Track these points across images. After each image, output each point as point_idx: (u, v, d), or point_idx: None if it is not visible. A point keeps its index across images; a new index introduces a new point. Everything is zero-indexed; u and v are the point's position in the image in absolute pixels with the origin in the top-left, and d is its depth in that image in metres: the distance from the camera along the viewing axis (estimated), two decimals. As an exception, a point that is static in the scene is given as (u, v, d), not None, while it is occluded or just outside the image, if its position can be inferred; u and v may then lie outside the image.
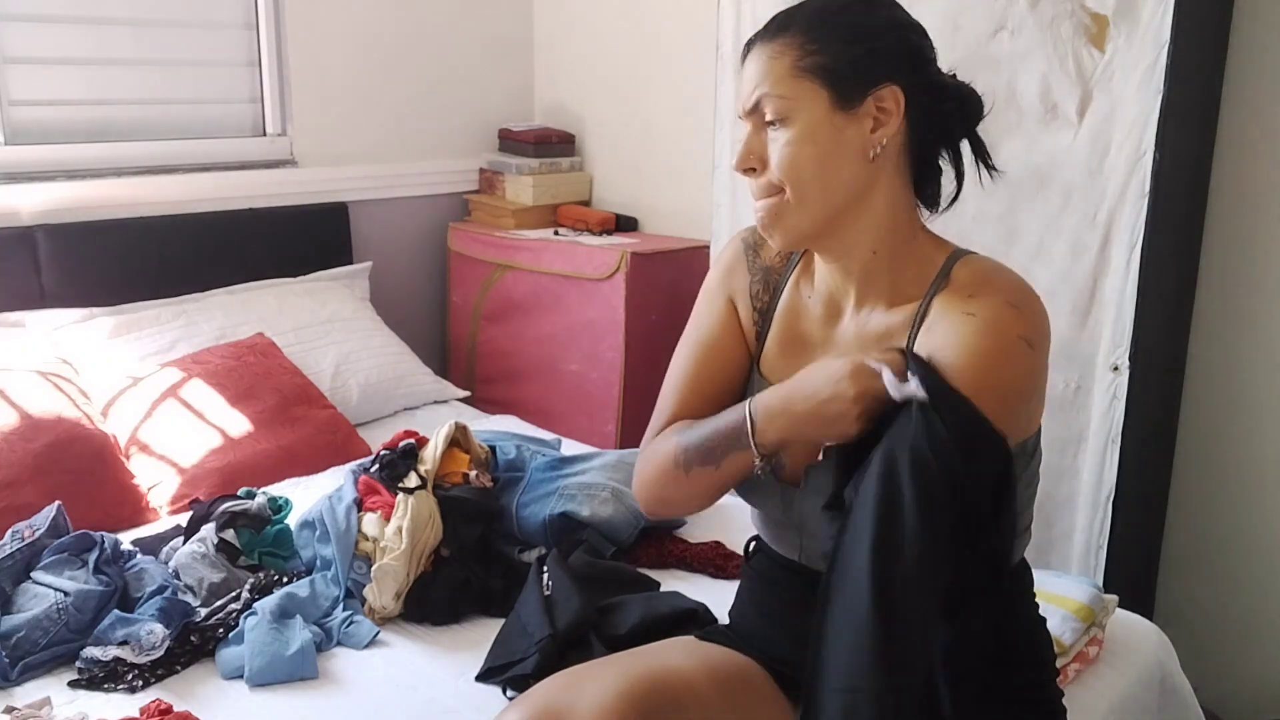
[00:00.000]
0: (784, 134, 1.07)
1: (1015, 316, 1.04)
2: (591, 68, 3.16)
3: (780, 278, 1.22)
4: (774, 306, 1.22)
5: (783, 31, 1.07)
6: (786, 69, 1.06)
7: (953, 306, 1.07)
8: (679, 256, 2.81)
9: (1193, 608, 2.27)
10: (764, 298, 1.22)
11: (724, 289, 1.25)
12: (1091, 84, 1.93)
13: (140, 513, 2.03)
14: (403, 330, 2.87)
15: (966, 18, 2.03)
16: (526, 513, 1.88)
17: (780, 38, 1.07)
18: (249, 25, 2.77)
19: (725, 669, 1.22)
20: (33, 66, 2.45)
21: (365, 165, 2.98)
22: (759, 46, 1.09)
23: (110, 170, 2.54)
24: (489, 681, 1.51)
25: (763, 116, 1.08)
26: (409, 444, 1.87)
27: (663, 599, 1.62)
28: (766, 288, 1.22)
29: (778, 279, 1.22)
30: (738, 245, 1.27)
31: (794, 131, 1.06)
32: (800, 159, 1.06)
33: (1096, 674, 1.54)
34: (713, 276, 1.27)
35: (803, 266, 1.22)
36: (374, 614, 1.69)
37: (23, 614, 1.56)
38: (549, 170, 3.11)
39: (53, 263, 2.40)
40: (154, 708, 1.42)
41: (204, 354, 2.33)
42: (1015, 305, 1.05)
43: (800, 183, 1.07)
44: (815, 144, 1.06)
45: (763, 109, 1.07)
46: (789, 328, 1.21)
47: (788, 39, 1.07)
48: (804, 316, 1.20)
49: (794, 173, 1.07)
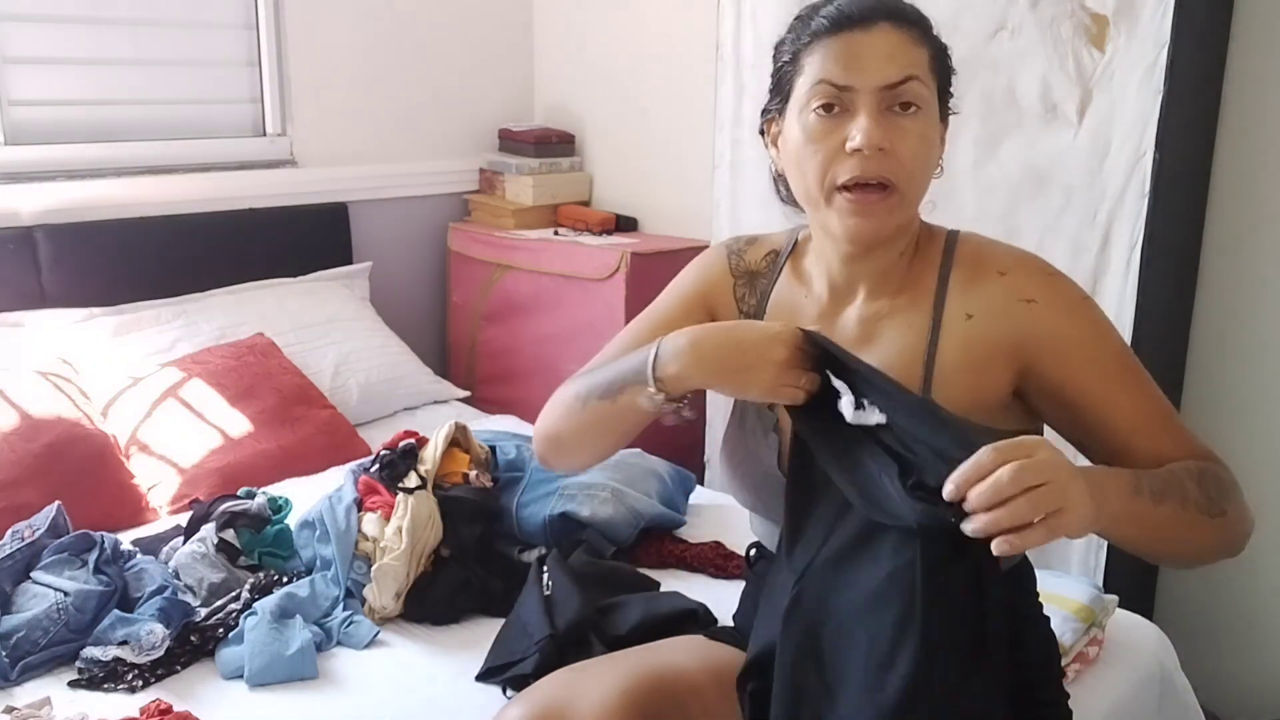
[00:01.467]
0: (917, 123, 1.05)
1: (1063, 280, 1.10)
2: (591, 68, 3.16)
3: (767, 281, 1.21)
4: (762, 309, 1.21)
5: (912, 22, 1.07)
6: (928, 60, 1.07)
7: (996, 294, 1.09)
8: (679, 256, 2.81)
9: (1193, 608, 2.27)
10: (750, 300, 1.21)
11: (698, 287, 1.23)
12: (1091, 84, 1.93)
13: (140, 513, 2.03)
14: (403, 330, 2.86)
15: (966, 18, 2.03)
16: (526, 513, 1.88)
17: (913, 27, 1.07)
18: (249, 25, 2.77)
19: (729, 668, 1.21)
20: (33, 66, 2.45)
21: (365, 165, 2.98)
22: (891, 24, 1.05)
23: (110, 170, 2.54)
24: (489, 681, 1.51)
25: (895, 99, 1.04)
26: (409, 444, 1.87)
27: (663, 599, 1.62)
28: (753, 290, 1.21)
29: (764, 283, 1.21)
30: (717, 250, 1.26)
31: (924, 124, 1.06)
32: (922, 155, 1.07)
33: (1096, 674, 1.54)
34: (687, 274, 1.26)
35: (791, 267, 1.21)
36: (374, 614, 1.69)
37: (23, 614, 1.56)
38: (549, 170, 3.10)
39: (53, 263, 2.40)
40: (154, 708, 1.42)
41: (204, 354, 2.33)
42: (1050, 272, 1.11)
43: (920, 178, 1.08)
44: (931, 143, 1.08)
45: (904, 90, 1.04)
46: None
47: (917, 31, 1.07)
48: (798, 315, 1.18)
49: (917, 167, 1.07)
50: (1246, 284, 2.12)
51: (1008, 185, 2.04)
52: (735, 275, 1.22)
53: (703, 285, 1.23)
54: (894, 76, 1.04)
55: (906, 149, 1.04)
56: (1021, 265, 1.11)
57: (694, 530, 1.98)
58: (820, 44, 1.06)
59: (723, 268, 1.23)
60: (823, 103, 1.06)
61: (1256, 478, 2.15)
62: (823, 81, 1.05)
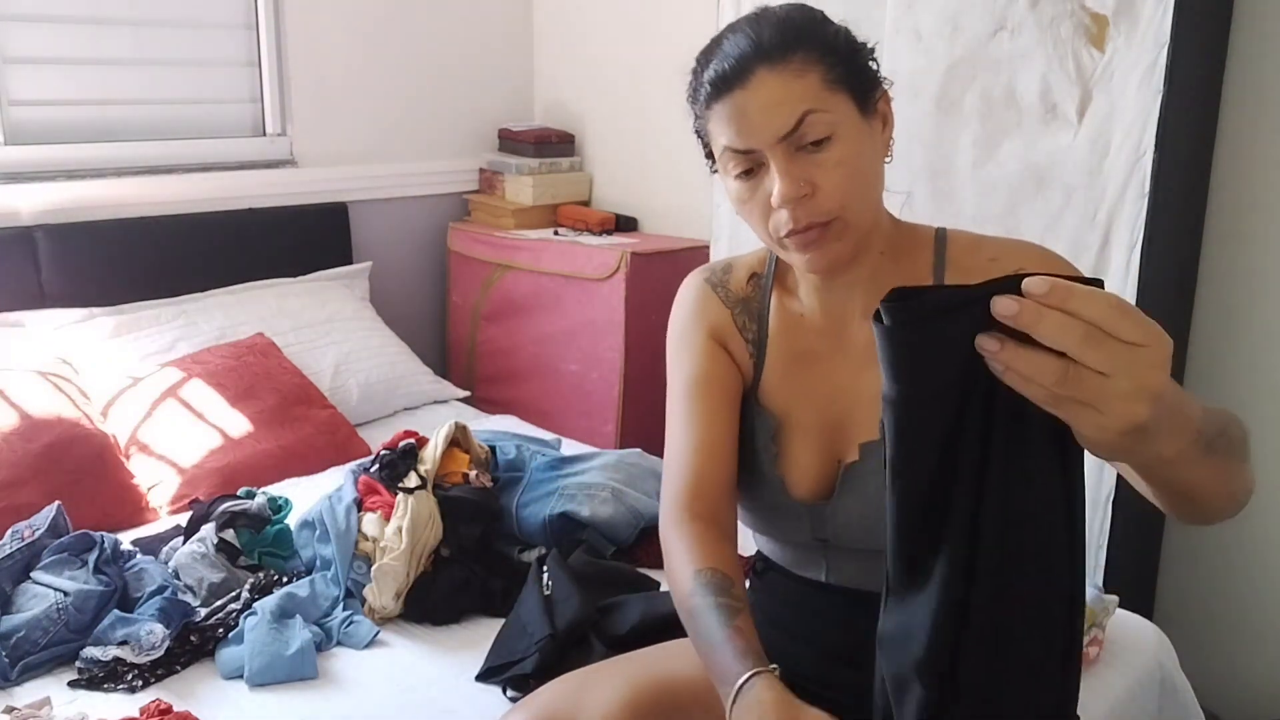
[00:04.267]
0: (833, 152, 1.01)
1: (1055, 256, 1.07)
2: (591, 68, 3.16)
3: (760, 304, 1.18)
4: (764, 335, 1.16)
5: (792, 49, 1.00)
6: (819, 84, 1.00)
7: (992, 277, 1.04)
8: (679, 256, 2.81)
9: (1193, 608, 2.27)
10: (752, 328, 1.17)
11: (700, 328, 1.18)
12: (1091, 84, 1.93)
13: (140, 513, 2.03)
14: (403, 330, 2.87)
15: (966, 18, 2.03)
16: (526, 513, 1.88)
17: (793, 56, 1.00)
18: (249, 25, 2.77)
19: None
20: (33, 66, 2.45)
21: (365, 165, 2.98)
22: (767, 69, 1.00)
23: (110, 170, 2.54)
24: (489, 681, 1.51)
25: (800, 140, 1.00)
26: (409, 444, 1.87)
27: (663, 599, 1.62)
28: (751, 318, 1.17)
29: (759, 306, 1.17)
30: (700, 286, 1.20)
31: (843, 148, 1.01)
32: (856, 175, 1.02)
33: (1096, 674, 1.54)
34: (681, 321, 1.19)
35: (779, 286, 1.18)
36: (374, 614, 1.69)
37: (23, 614, 1.56)
38: (549, 170, 3.10)
39: (53, 263, 2.40)
40: (154, 708, 1.42)
41: (204, 354, 2.33)
42: (1042, 250, 1.09)
43: (857, 199, 1.03)
44: (862, 156, 1.03)
45: (804, 130, 1.00)
46: (787, 349, 1.16)
47: (803, 55, 1.00)
48: (802, 331, 1.15)
49: (852, 191, 1.02)
50: (1246, 283, 2.12)
51: (1007, 185, 2.04)
52: (729, 306, 1.18)
53: (707, 325, 1.18)
54: (788, 124, 1.00)
55: (830, 181, 1.01)
56: (1013, 248, 1.10)
57: (694, 530, 1.97)
58: (713, 111, 1.04)
59: (715, 301, 1.18)
60: (738, 169, 1.04)
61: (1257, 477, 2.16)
62: (727, 149, 1.04)
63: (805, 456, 1.13)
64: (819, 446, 1.13)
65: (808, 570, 1.18)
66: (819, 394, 1.13)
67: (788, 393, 1.14)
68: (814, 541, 1.14)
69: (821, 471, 1.11)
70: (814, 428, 1.13)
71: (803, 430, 1.13)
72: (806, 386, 1.12)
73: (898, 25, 2.14)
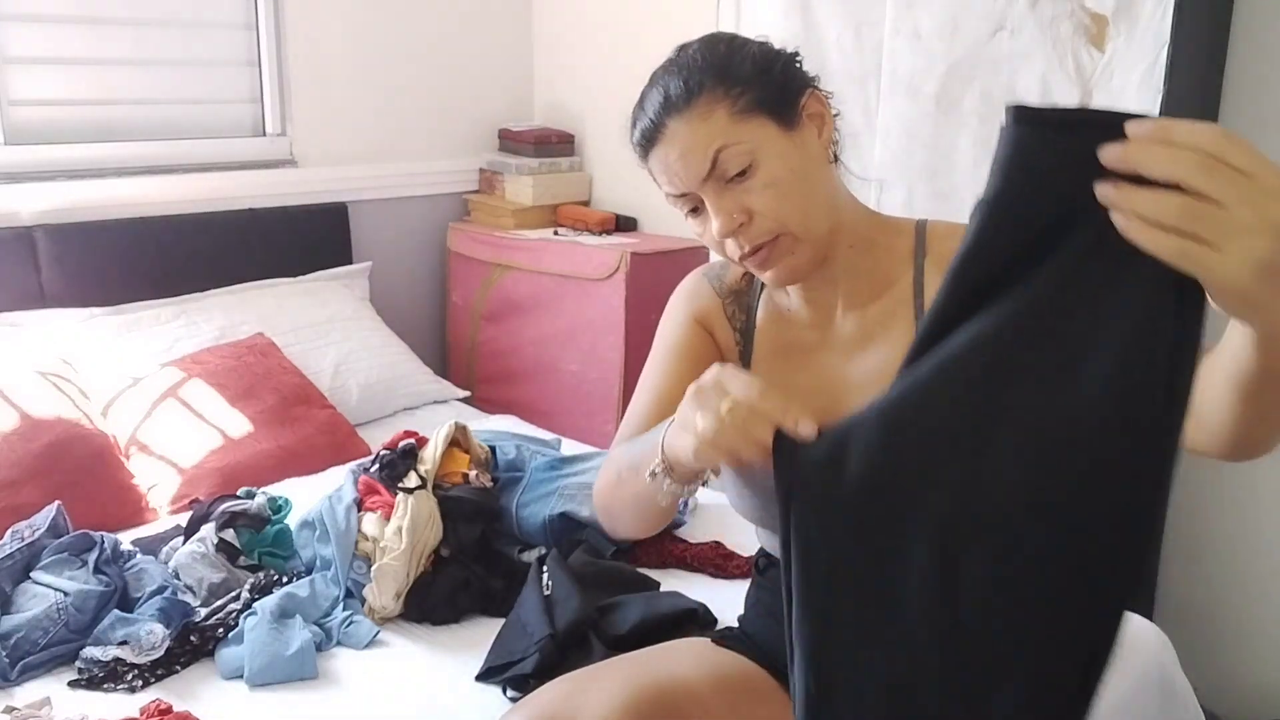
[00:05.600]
0: (758, 178, 1.04)
1: None
2: (591, 68, 3.16)
3: (750, 296, 1.21)
4: (752, 325, 1.20)
5: (695, 94, 1.04)
6: (726, 119, 1.03)
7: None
8: (679, 256, 2.81)
9: (1193, 608, 2.27)
10: (740, 318, 1.21)
11: (689, 313, 1.22)
12: (1091, 84, 1.93)
13: (140, 513, 2.03)
14: (403, 330, 2.86)
15: (966, 18, 2.03)
16: (526, 513, 1.88)
17: (697, 100, 1.04)
18: (249, 25, 2.77)
19: (733, 677, 1.20)
20: (33, 66, 2.45)
21: (365, 165, 2.98)
22: (676, 120, 1.04)
23: (110, 170, 2.54)
24: (489, 681, 1.51)
25: (724, 175, 1.04)
26: (409, 444, 1.87)
27: (663, 599, 1.62)
28: (741, 308, 1.21)
29: (748, 298, 1.21)
30: (696, 278, 1.25)
31: (767, 170, 1.04)
32: (789, 192, 1.05)
33: (1096, 674, 1.54)
34: (674, 304, 1.25)
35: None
36: (374, 614, 1.69)
37: (23, 614, 1.56)
38: (549, 170, 3.10)
39: (53, 263, 2.40)
40: (154, 708, 1.42)
41: (204, 354, 2.33)
42: None
43: (797, 211, 1.05)
44: (792, 171, 1.05)
45: (723, 166, 1.03)
46: (775, 339, 1.19)
47: (706, 96, 1.04)
48: (790, 324, 1.18)
49: (789, 207, 1.05)
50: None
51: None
52: (722, 296, 1.22)
53: (696, 312, 1.22)
54: (703, 167, 1.03)
55: (762, 204, 1.04)
56: None
57: (694, 530, 1.98)
58: (648, 165, 1.10)
59: (709, 291, 1.23)
60: (685, 209, 1.09)
61: (1256, 479, 2.16)
62: (668, 196, 1.10)
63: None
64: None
65: None
66: (806, 384, 1.15)
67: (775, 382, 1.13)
68: None
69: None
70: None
71: None
72: (793, 377, 1.15)
73: (898, 25, 2.14)
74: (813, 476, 0.77)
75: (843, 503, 0.76)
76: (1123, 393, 0.66)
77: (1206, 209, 0.60)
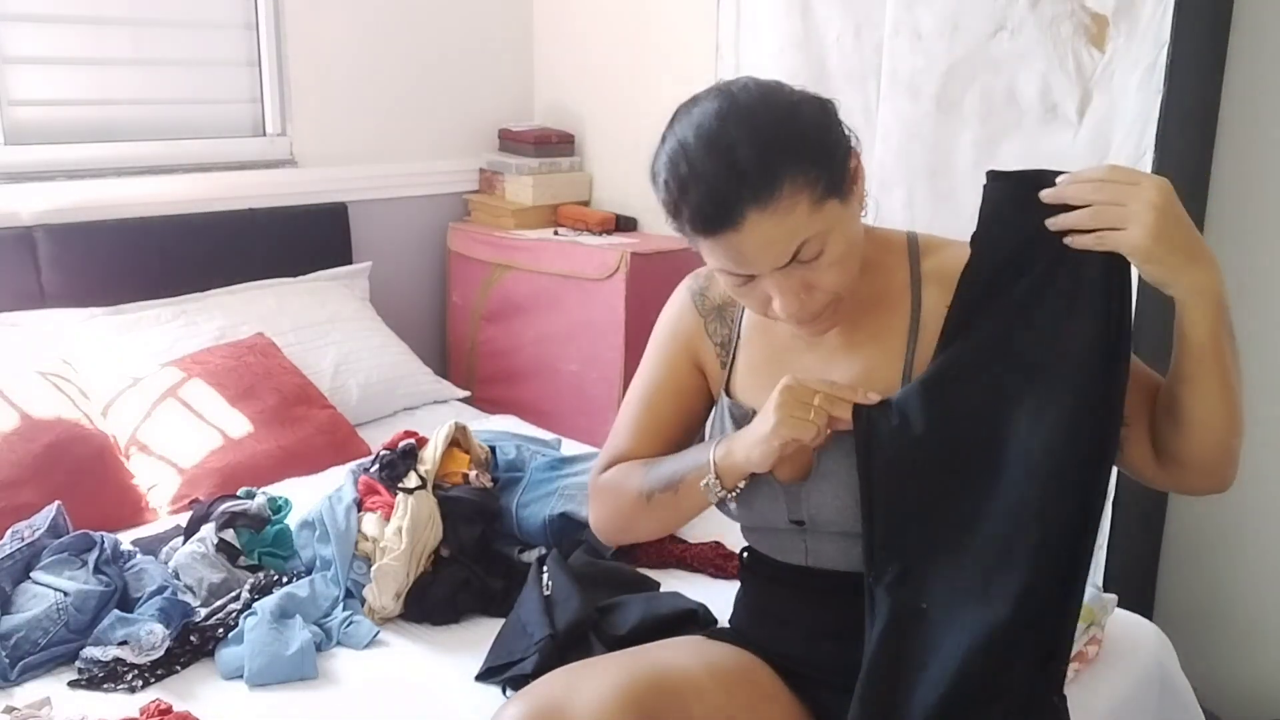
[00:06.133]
0: (825, 259, 1.05)
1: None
2: (591, 68, 3.16)
3: (733, 309, 1.26)
4: (735, 336, 1.26)
5: (777, 187, 1.00)
6: (808, 212, 1.02)
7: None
8: (679, 256, 2.81)
9: (1193, 608, 2.27)
10: (723, 332, 1.26)
11: (674, 338, 1.29)
12: (1091, 84, 1.93)
13: (140, 513, 2.03)
14: (403, 330, 2.86)
15: (966, 18, 2.03)
16: (526, 513, 1.88)
17: (780, 194, 1.00)
18: (249, 25, 2.77)
19: (727, 665, 1.22)
20: (33, 66, 2.45)
21: (365, 165, 2.98)
22: (758, 211, 1.00)
23: (110, 170, 2.54)
24: (489, 681, 1.51)
25: (797, 261, 1.04)
26: (409, 444, 1.87)
27: (663, 599, 1.62)
28: (724, 322, 1.26)
29: (734, 311, 1.26)
30: (683, 294, 1.30)
31: (834, 251, 1.06)
32: (848, 265, 1.09)
33: (1096, 674, 1.54)
34: (661, 327, 1.31)
35: None
36: (374, 614, 1.69)
37: (23, 614, 1.56)
38: (549, 170, 3.10)
39: (53, 263, 2.40)
40: (154, 708, 1.42)
41: (204, 354, 2.33)
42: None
43: (852, 279, 1.11)
44: (851, 244, 1.08)
45: (801, 256, 1.04)
46: (760, 348, 1.24)
47: (789, 186, 1.00)
48: (775, 334, 1.23)
49: (847, 278, 1.09)
50: (1246, 284, 2.12)
51: (1008, 185, 2.04)
52: (703, 315, 1.27)
53: (679, 337, 1.28)
54: (784, 259, 1.04)
55: (825, 282, 1.07)
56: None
57: (694, 530, 1.97)
58: (701, 243, 1.06)
59: (691, 311, 1.28)
60: (732, 281, 1.09)
61: (1257, 477, 2.16)
62: (723, 271, 1.08)
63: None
64: None
65: (790, 556, 1.23)
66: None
67: (761, 385, 1.20)
68: (791, 525, 1.19)
69: (795, 456, 1.15)
70: None
71: None
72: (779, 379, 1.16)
73: (898, 25, 2.14)
74: (886, 433, 1.09)
75: (913, 444, 1.08)
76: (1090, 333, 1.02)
77: (1110, 209, 0.98)
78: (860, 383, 1.13)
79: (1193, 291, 0.98)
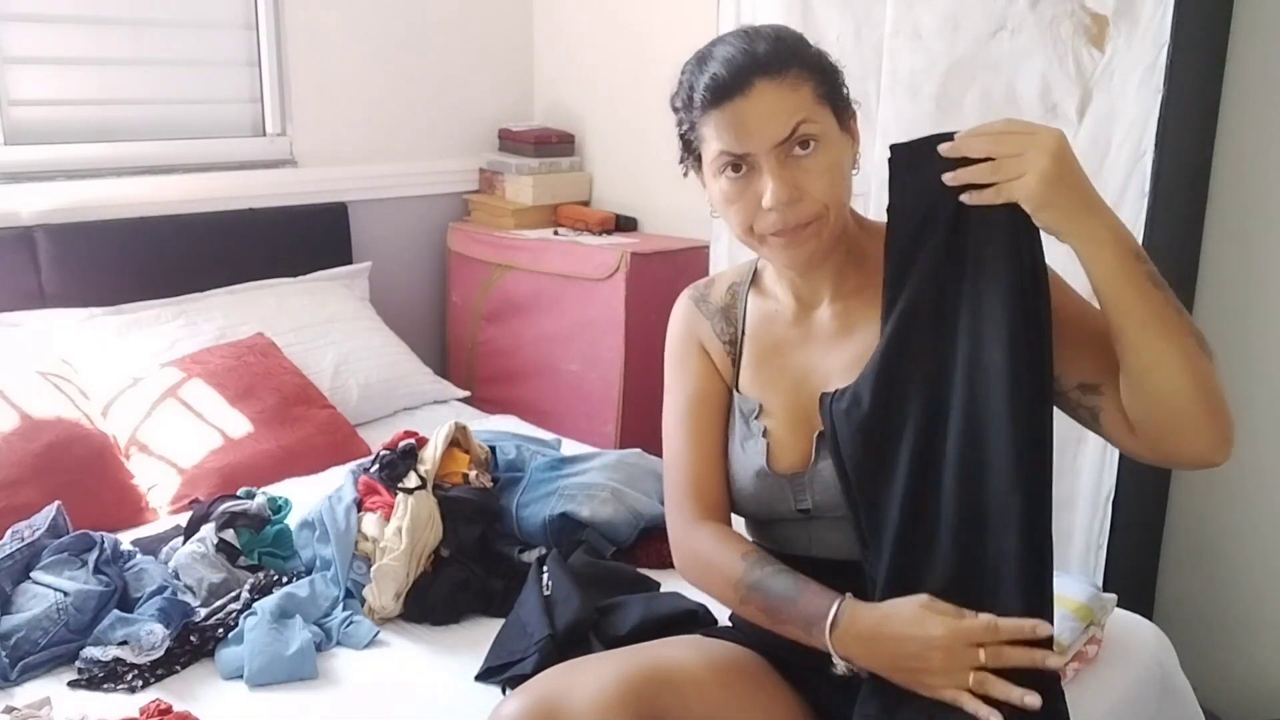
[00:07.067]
0: (820, 158, 1.12)
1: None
2: (591, 68, 3.16)
3: (736, 309, 1.31)
4: (741, 334, 1.30)
5: (787, 66, 1.11)
6: (811, 97, 1.12)
7: None
8: (679, 256, 2.81)
9: (1193, 608, 2.27)
10: (729, 330, 1.31)
11: (688, 342, 1.32)
12: (1091, 84, 1.93)
13: (140, 513, 2.03)
14: (403, 330, 2.86)
15: (966, 18, 2.03)
16: (526, 513, 1.88)
17: (789, 71, 1.11)
18: (249, 25, 2.77)
19: (725, 660, 1.23)
20: (33, 66, 2.45)
21: (365, 165, 2.98)
22: (767, 80, 1.10)
23: (110, 170, 2.54)
24: (488, 681, 1.51)
25: (792, 146, 1.11)
26: (409, 444, 1.87)
27: (663, 599, 1.62)
28: (729, 323, 1.31)
29: (736, 312, 1.31)
30: (686, 305, 1.35)
31: (827, 155, 1.13)
32: (837, 180, 1.14)
33: (1096, 674, 1.54)
34: (674, 339, 1.35)
35: (756, 290, 1.32)
36: (374, 614, 1.69)
37: (23, 614, 1.56)
38: (549, 170, 3.11)
39: (53, 263, 2.40)
40: (154, 708, 1.42)
41: (204, 354, 2.33)
42: None
43: (839, 202, 1.15)
44: (842, 164, 1.15)
45: (798, 137, 1.11)
46: (764, 341, 1.29)
47: (797, 72, 1.11)
48: (776, 326, 1.28)
49: (835, 191, 1.14)
50: (1246, 283, 2.12)
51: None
52: (709, 317, 1.32)
53: (693, 340, 1.32)
54: (783, 132, 1.10)
55: (816, 186, 1.12)
56: None
57: (694, 530, 1.97)
58: (709, 117, 1.13)
59: (696, 315, 1.33)
60: (730, 166, 1.14)
61: (1256, 477, 2.16)
62: (723, 153, 1.13)
63: (783, 431, 1.24)
64: (796, 422, 1.24)
65: (793, 547, 1.26)
66: (793, 375, 1.25)
67: (764, 378, 1.27)
68: (796, 514, 1.23)
69: (799, 445, 1.22)
70: (790, 405, 1.24)
71: (780, 408, 1.25)
72: (781, 370, 1.25)
73: (898, 25, 2.14)
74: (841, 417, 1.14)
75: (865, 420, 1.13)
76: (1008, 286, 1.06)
77: (1008, 160, 1.00)
78: (851, 368, 1.17)
79: (1090, 240, 1.00)
